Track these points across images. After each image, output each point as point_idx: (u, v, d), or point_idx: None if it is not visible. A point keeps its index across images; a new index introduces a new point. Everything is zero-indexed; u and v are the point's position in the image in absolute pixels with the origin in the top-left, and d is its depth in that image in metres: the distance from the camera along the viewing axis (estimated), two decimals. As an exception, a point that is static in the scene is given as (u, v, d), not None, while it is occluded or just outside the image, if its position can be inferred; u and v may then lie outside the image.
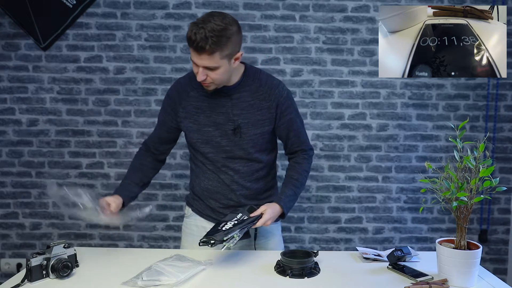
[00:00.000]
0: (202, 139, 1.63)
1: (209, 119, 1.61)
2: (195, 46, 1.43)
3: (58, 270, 1.33)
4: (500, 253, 2.80)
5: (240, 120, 1.59)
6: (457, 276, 1.32)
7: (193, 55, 1.47)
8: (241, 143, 1.61)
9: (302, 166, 1.69)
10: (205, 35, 1.41)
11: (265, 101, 1.61)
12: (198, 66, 1.48)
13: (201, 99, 1.62)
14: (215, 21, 1.44)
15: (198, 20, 1.46)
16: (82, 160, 2.72)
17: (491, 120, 2.71)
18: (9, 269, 2.75)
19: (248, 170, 1.66)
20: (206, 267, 1.44)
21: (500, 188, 1.33)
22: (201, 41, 1.41)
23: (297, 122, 1.68)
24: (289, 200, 1.62)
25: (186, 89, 1.65)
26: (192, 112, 1.63)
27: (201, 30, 1.42)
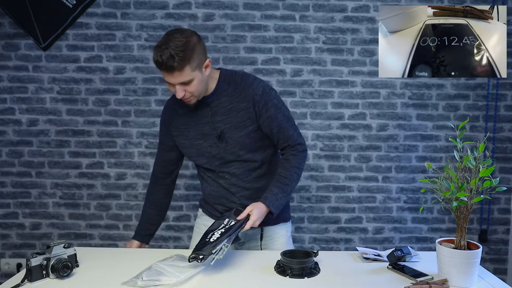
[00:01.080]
0: (195, 152, 1.69)
1: (197, 132, 1.66)
2: (164, 67, 1.47)
3: (58, 270, 1.33)
4: (500, 253, 2.80)
5: (223, 125, 1.62)
6: (457, 276, 1.32)
7: (166, 76, 1.50)
8: (229, 148, 1.64)
9: (289, 162, 1.67)
10: (170, 54, 1.44)
11: (241, 102, 1.62)
12: (173, 85, 1.52)
13: (188, 114, 1.67)
14: (175, 38, 1.47)
15: (159, 43, 1.49)
16: (82, 160, 2.72)
17: (491, 120, 2.71)
18: (9, 269, 2.75)
19: (244, 171, 1.68)
20: (206, 267, 1.44)
21: (500, 188, 1.33)
22: (168, 61, 1.45)
23: (279, 117, 1.64)
24: (276, 198, 1.61)
25: (175, 108, 1.71)
26: (182, 129, 1.69)
27: (165, 50, 1.45)
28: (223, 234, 1.44)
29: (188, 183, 2.73)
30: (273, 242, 1.75)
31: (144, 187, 2.73)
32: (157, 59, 1.46)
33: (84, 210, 2.75)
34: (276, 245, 1.75)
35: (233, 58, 2.66)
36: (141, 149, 2.72)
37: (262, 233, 1.72)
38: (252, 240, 1.74)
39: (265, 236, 1.73)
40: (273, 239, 1.75)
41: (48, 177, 2.73)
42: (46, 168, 2.72)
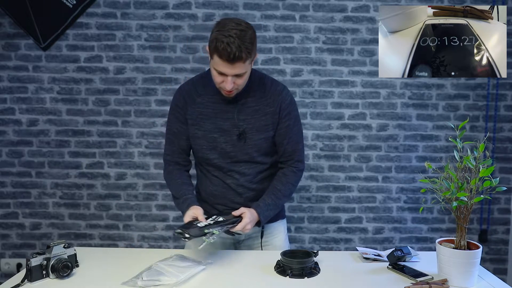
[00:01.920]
0: (207, 145, 1.64)
1: (215, 125, 1.62)
2: (231, 57, 1.43)
3: (58, 270, 1.33)
4: (500, 253, 2.80)
5: (245, 125, 1.61)
6: (457, 276, 1.32)
7: (223, 66, 1.46)
8: (245, 148, 1.62)
9: (288, 178, 1.67)
10: (238, 44, 1.42)
11: (269, 106, 1.62)
12: (225, 76, 1.49)
13: (207, 105, 1.63)
14: (237, 28, 1.45)
15: (221, 30, 1.45)
16: (82, 160, 2.72)
17: (491, 120, 2.71)
18: (9, 269, 2.75)
19: (253, 172, 1.67)
20: (206, 267, 1.44)
21: (500, 188, 1.33)
22: (237, 50, 1.42)
23: (294, 130, 1.66)
24: (267, 208, 1.61)
25: (192, 96, 1.65)
26: (198, 119, 1.64)
27: (232, 39, 1.42)
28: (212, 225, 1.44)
29: (188, 183, 2.73)
30: (274, 238, 1.75)
31: (144, 187, 2.73)
32: (224, 48, 1.41)
33: (84, 210, 2.75)
34: (276, 241, 1.75)
35: (233, 58, 2.65)
36: (141, 149, 2.72)
37: (263, 231, 1.72)
38: (253, 237, 1.73)
39: (266, 234, 1.73)
40: (274, 236, 1.75)
41: (48, 177, 2.73)
42: (46, 168, 2.72)
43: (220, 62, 1.46)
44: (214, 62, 1.49)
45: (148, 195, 2.74)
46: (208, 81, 1.63)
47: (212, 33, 1.49)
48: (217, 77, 1.51)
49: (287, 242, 1.83)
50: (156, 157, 2.72)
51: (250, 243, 1.74)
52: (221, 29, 1.45)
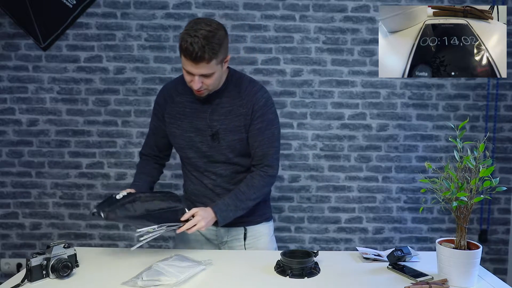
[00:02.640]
0: (185, 144, 1.66)
1: (191, 124, 1.63)
2: (193, 56, 1.43)
3: (58, 270, 1.33)
4: (500, 253, 2.80)
5: (219, 126, 1.60)
6: (457, 276, 1.32)
7: (188, 65, 1.47)
8: (220, 149, 1.62)
9: (254, 181, 1.62)
10: (201, 44, 1.42)
11: (242, 107, 1.61)
12: (193, 75, 1.49)
13: (185, 105, 1.64)
14: (205, 28, 1.44)
15: (189, 29, 1.45)
16: (82, 160, 2.72)
17: (491, 120, 2.71)
18: (9, 269, 2.75)
19: (230, 174, 1.67)
20: (206, 267, 1.44)
21: (500, 188, 1.33)
22: (199, 50, 1.42)
23: (266, 134, 1.62)
24: (226, 208, 1.57)
25: (171, 95, 1.68)
26: (176, 118, 1.66)
27: (196, 39, 1.42)
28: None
29: (188, 183, 2.73)
30: (257, 241, 1.74)
31: (144, 187, 2.73)
32: (186, 47, 1.42)
33: (84, 210, 2.75)
34: (260, 244, 1.74)
35: (233, 58, 2.66)
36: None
37: (246, 233, 1.72)
38: (235, 240, 1.72)
39: (249, 236, 1.72)
40: (257, 238, 1.74)
41: (48, 177, 2.73)
42: (46, 168, 2.72)
43: (185, 61, 1.47)
44: (182, 61, 1.50)
45: (148, 195, 2.74)
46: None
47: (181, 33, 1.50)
48: (186, 76, 1.52)
49: (273, 244, 1.80)
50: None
51: (233, 245, 1.73)
52: (190, 28, 1.45)
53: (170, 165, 2.72)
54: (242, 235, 1.71)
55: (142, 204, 1.47)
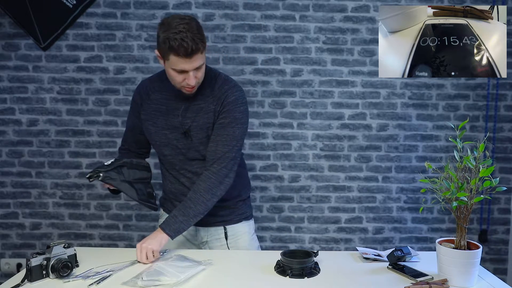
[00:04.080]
0: (160, 141, 1.66)
1: (166, 122, 1.63)
2: (189, 51, 1.42)
3: (58, 270, 1.33)
4: (500, 253, 2.80)
5: (190, 123, 1.60)
6: (457, 276, 1.32)
7: (182, 62, 1.45)
8: (193, 146, 1.62)
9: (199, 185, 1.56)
10: (191, 37, 1.42)
11: (212, 104, 1.59)
12: (187, 72, 1.48)
13: (161, 102, 1.64)
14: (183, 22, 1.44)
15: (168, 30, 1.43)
16: (82, 160, 2.72)
17: (491, 120, 2.71)
18: (9, 269, 2.75)
19: None
20: (206, 267, 1.44)
21: (500, 188, 1.33)
22: (192, 43, 1.42)
23: (227, 130, 1.57)
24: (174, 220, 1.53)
25: (147, 92, 1.67)
26: (151, 115, 1.65)
27: (184, 34, 1.41)
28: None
29: (188, 183, 2.73)
30: (237, 240, 1.73)
31: (144, 187, 2.73)
32: (179, 45, 1.41)
33: (84, 210, 2.75)
34: (240, 243, 1.73)
35: (233, 58, 2.66)
36: (141, 149, 2.72)
37: (226, 232, 1.72)
38: (215, 239, 1.72)
39: (230, 235, 1.72)
40: (237, 237, 1.74)
41: (48, 177, 2.73)
42: (46, 168, 2.72)
43: (178, 60, 1.45)
44: (171, 63, 1.47)
45: (148, 195, 2.74)
46: (165, 78, 1.61)
47: (159, 36, 1.47)
48: (177, 76, 1.50)
49: (255, 243, 1.80)
50: (155, 157, 2.72)
51: (213, 245, 1.72)
52: (168, 28, 1.44)
53: (170, 165, 2.72)
54: (222, 234, 1.71)
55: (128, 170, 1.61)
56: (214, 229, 1.71)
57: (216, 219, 1.68)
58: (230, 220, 1.72)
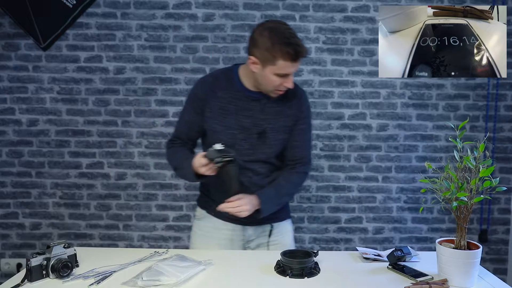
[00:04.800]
0: (226, 141, 1.59)
1: (236, 121, 1.60)
2: (299, 56, 1.48)
3: (58, 270, 1.33)
4: (500, 253, 2.80)
5: (266, 125, 1.61)
6: (457, 276, 1.32)
7: (290, 66, 1.50)
8: (263, 147, 1.62)
9: (292, 177, 1.67)
10: (301, 43, 1.49)
11: (290, 108, 1.63)
12: (288, 75, 1.52)
13: (229, 100, 1.61)
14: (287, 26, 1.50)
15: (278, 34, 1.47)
16: (82, 160, 2.72)
17: (491, 120, 2.71)
18: (9, 269, 2.75)
19: (265, 171, 1.67)
20: (206, 267, 1.44)
21: (500, 188, 1.33)
22: (303, 48, 1.49)
23: (306, 134, 1.70)
24: (269, 201, 1.59)
25: (213, 89, 1.62)
26: (218, 113, 1.61)
27: (295, 39, 1.47)
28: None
29: (188, 183, 2.73)
30: (283, 237, 1.74)
31: (144, 187, 2.73)
32: (296, 50, 1.46)
33: (84, 210, 2.75)
34: (286, 240, 1.75)
35: (233, 58, 2.66)
36: (141, 149, 2.72)
37: (271, 230, 1.71)
38: (261, 237, 1.72)
39: (275, 232, 1.72)
40: (282, 234, 1.75)
41: (48, 177, 2.73)
42: (46, 168, 2.72)
43: (286, 65, 1.49)
44: (276, 68, 1.49)
45: (148, 195, 2.74)
46: (231, 77, 1.62)
47: (261, 41, 1.48)
48: (277, 80, 1.52)
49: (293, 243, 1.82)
50: (156, 157, 2.72)
51: (259, 242, 1.72)
52: (277, 33, 1.48)
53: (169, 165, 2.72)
54: (267, 232, 1.71)
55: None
56: (261, 227, 1.71)
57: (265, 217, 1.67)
58: (277, 217, 1.72)
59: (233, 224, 1.69)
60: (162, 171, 2.73)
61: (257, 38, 1.50)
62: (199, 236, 1.75)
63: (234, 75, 1.62)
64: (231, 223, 1.68)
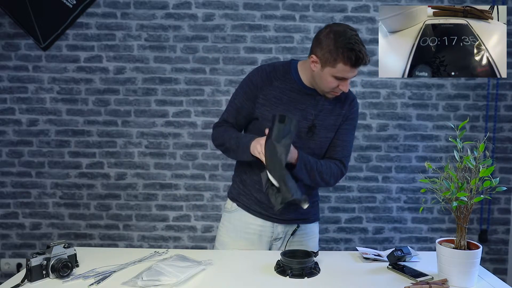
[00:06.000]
0: None
1: (287, 111, 1.60)
2: (359, 63, 1.49)
3: (58, 270, 1.33)
4: (500, 253, 2.80)
5: (316, 120, 1.61)
6: (457, 276, 1.32)
7: (348, 71, 1.50)
8: (309, 143, 1.62)
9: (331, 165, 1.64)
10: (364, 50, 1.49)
11: (341, 108, 1.65)
12: (345, 79, 1.53)
13: (283, 91, 1.61)
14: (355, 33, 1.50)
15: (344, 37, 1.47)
16: (82, 160, 2.72)
17: (491, 120, 2.71)
18: (9, 269, 2.75)
19: None
20: (206, 267, 1.44)
21: (500, 188, 1.33)
22: (365, 57, 1.49)
23: (350, 135, 1.70)
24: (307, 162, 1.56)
25: (270, 77, 1.63)
26: (271, 101, 1.61)
27: (360, 46, 1.48)
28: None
29: (188, 183, 2.73)
30: (309, 239, 1.74)
31: (144, 187, 2.73)
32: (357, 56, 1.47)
33: (84, 210, 2.75)
34: (311, 242, 1.74)
35: (233, 58, 2.66)
36: (141, 149, 2.72)
37: (296, 229, 1.71)
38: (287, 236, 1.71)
39: (300, 233, 1.72)
40: (309, 236, 1.74)
41: (48, 177, 2.73)
42: (46, 168, 2.72)
43: (345, 69, 1.49)
44: (335, 70, 1.50)
45: (148, 195, 2.74)
46: (289, 69, 1.64)
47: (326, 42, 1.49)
48: (333, 82, 1.53)
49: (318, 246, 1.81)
50: (156, 157, 2.72)
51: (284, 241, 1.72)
52: (343, 37, 1.48)
53: (170, 165, 2.72)
54: (291, 231, 1.71)
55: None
56: (290, 226, 1.71)
57: (296, 215, 1.68)
58: (307, 218, 1.72)
59: (262, 220, 1.69)
60: (162, 171, 2.73)
61: (322, 39, 1.51)
62: (228, 229, 1.73)
63: (292, 68, 1.63)
64: (261, 218, 1.68)
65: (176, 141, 2.72)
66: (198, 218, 2.76)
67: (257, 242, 1.70)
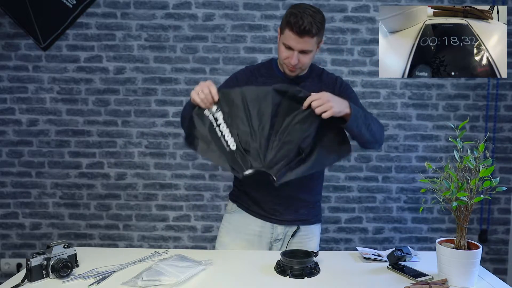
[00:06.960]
0: None
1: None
2: (301, 29, 1.50)
3: (58, 270, 1.33)
4: (500, 253, 2.80)
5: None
6: (457, 276, 1.32)
7: (291, 39, 1.53)
8: None
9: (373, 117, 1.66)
10: (309, 20, 1.50)
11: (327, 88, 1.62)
12: (292, 50, 1.55)
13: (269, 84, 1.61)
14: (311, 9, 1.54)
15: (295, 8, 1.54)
16: (82, 160, 2.72)
17: (491, 120, 2.71)
18: (9, 269, 2.75)
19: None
20: (206, 267, 1.44)
21: (500, 188, 1.33)
22: (308, 24, 1.50)
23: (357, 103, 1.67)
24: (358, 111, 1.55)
25: (255, 74, 1.69)
26: None
27: (305, 15, 1.50)
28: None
29: (188, 183, 2.73)
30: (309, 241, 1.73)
31: (144, 187, 2.73)
32: (296, 20, 1.50)
33: (84, 210, 2.75)
34: (311, 244, 1.73)
35: (233, 58, 2.66)
36: (141, 149, 2.72)
37: (296, 231, 1.70)
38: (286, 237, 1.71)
39: (300, 235, 1.71)
40: (309, 238, 1.74)
41: (48, 177, 2.73)
42: (46, 168, 2.72)
43: (290, 35, 1.53)
44: (284, 37, 1.55)
45: (148, 195, 2.74)
46: (271, 65, 1.70)
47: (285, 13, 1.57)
48: (284, 52, 1.57)
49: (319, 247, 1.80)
50: (156, 157, 2.72)
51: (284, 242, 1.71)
52: (296, 6, 1.55)
53: (170, 165, 2.72)
54: (291, 232, 1.71)
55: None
56: (290, 227, 1.71)
57: (296, 216, 1.68)
58: (307, 220, 1.72)
59: (262, 221, 1.69)
60: (162, 171, 2.73)
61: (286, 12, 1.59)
62: (228, 230, 1.75)
63: (273, 64, 1.70)
64: (261, 219, 1.69)
65: (176, 141, 2.72)
66: (198, 218, 2.76)
67: (257, 243, 1.71)
